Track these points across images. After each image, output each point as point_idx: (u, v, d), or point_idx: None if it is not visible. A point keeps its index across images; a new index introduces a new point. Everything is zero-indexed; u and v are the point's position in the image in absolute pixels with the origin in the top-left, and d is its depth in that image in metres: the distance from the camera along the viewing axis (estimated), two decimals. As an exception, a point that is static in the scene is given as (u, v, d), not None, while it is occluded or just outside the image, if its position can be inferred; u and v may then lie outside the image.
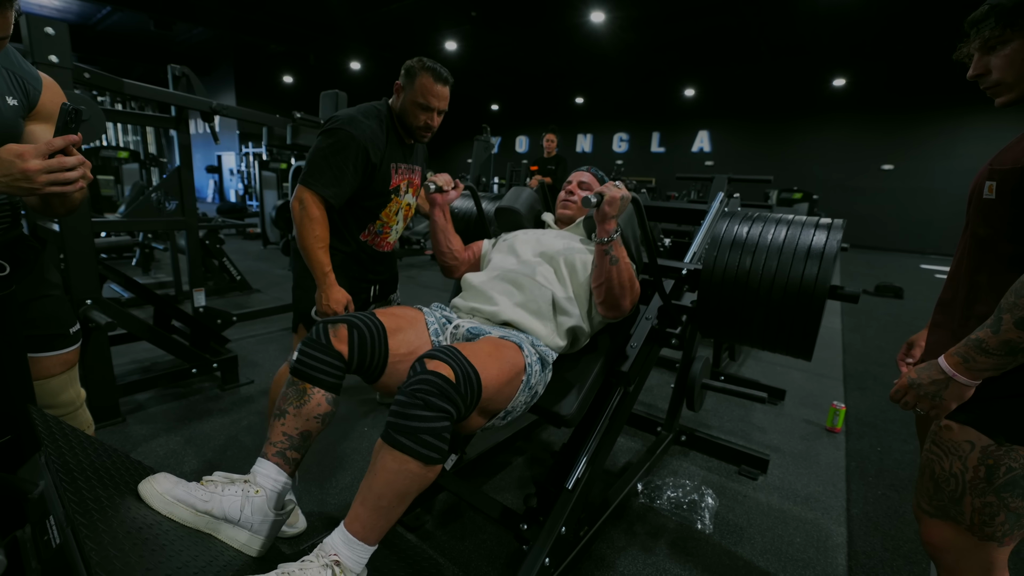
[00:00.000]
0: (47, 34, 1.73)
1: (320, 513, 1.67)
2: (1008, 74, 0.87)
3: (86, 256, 2.02)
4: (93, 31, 12.76)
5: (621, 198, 1.18)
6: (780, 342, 1.33)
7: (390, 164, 1.58)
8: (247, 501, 1.00)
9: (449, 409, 0.92)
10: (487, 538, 1.61)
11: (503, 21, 10.41)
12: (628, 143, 15.16)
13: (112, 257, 5.61)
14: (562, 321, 1.33)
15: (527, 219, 1.71)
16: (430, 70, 1.51)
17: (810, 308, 1.22)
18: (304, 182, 1.46)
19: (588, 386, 1.34)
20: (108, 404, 2.16)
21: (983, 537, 0.89)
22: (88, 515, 0.77)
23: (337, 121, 1.48)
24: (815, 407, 2.74)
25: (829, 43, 10.56)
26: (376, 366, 1.15)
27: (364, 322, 1.15)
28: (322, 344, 1.10)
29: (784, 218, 1.37)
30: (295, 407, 1.08)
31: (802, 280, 1.22)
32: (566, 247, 1.44)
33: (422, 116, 1.56)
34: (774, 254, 1.29)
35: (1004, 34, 0.85)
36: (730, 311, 1.36)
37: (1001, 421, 0.86)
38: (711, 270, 1.36)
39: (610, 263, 1.24)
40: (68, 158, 0.86)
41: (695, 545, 1.63)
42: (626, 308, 1.31)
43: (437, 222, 1.56)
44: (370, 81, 15.63)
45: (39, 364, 1.16)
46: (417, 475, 0.90)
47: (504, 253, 1.50)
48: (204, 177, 15.72)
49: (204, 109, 2.40)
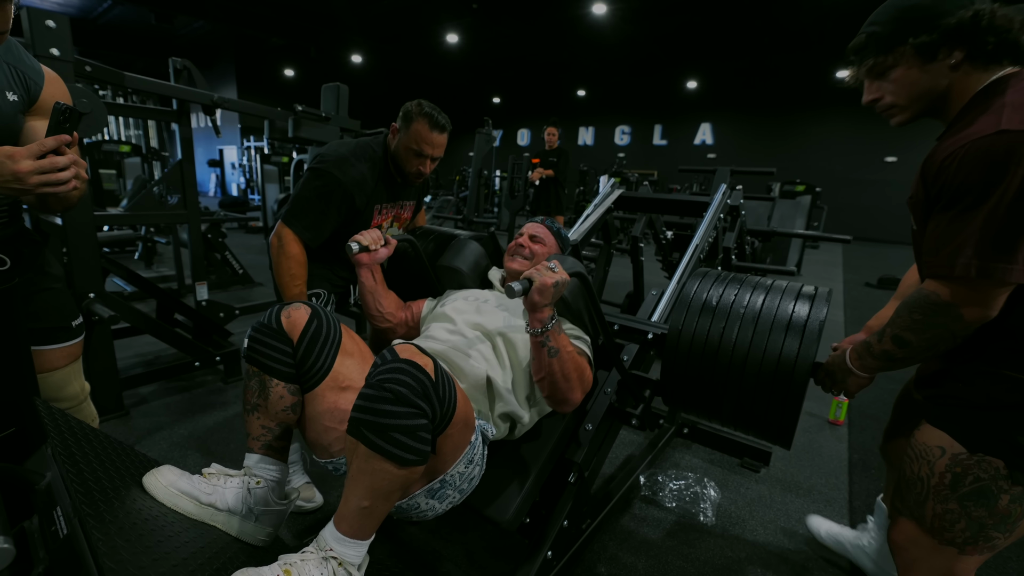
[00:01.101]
0: (48, 27, 1.73)
1: (325, 504, 1.68)
2: (900, 97, 0.91)
3: (89, 250, 2.02)
4: (94, 25, 12.72)
5: (555, 284, 1.00)
6: (754, 426, 1.18)
7: (374, 206, 1.57)
8: (249, 492, 1.01)
9: (424, 407, 0.80)
10: (490, 530, 1.61)
11: (505, 13, 10.34)
12: (630, 136, 15.08)
13: (115, 251, 5.62)
14: (498, 407, 1.17)
15: (471, 278, 1.51)
16: (427, 116, 1.46)
17: (789, 391, 1.07)
18: (286, 220, 1.45)
19: (529, 485, 1.16)
20: (111, 397, 2.17)
21: (942, 541, 0.90)
22: (95, 506, 0.78)
23: (327, 163, 1.46)
24: (817, 399, 2.73)
25: (832, 35, 10.46)
26: (316, 372, 1.04)
27: (328, 320, 1.07)
28: (271, 328, 1.03)
29: (762, 283, 1.22)
30: (263, 400, 1.05)
31: (780, 358, 1.07)
32: (506, 322, 1.26)
33: (415, 162, 1.52)
34: (749, 324, 1.13)
35: (885, 60, 0.89)
36: (698, 387, 1.20)
37: (980, 432, 0.86)
38: (677, 337, 1.20)
39: (549, 355, 1.06)
40: (59, 158, 0.85)
41: (698, 537, 1.63)
42: (576, 400, 1.14)
43: (365, 284, 1.39)
44: (371, 74, 15.57)
45: (43, 357, 1.16)
46: (396, 475, 0.81)
47: (441, 320, 1.33)
48: (206, 171, 15.71)
49: (206, 102, 2.39)
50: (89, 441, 0.96)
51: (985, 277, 0.76)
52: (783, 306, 1.13)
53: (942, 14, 0.82)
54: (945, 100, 0.88)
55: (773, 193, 7.41)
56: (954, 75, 0.85)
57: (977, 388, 0.86)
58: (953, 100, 0.87)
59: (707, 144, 13.74)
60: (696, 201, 2.29)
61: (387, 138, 1.58)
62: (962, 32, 0.81)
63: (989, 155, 0.75)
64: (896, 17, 0.87)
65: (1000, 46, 0.80)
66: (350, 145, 1.54)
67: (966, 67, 0.84)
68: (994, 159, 0.74)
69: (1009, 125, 0.74)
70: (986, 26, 0.79)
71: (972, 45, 0.82)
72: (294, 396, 1.06)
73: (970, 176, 0.76)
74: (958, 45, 0.82)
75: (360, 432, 0.80)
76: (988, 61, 0.83)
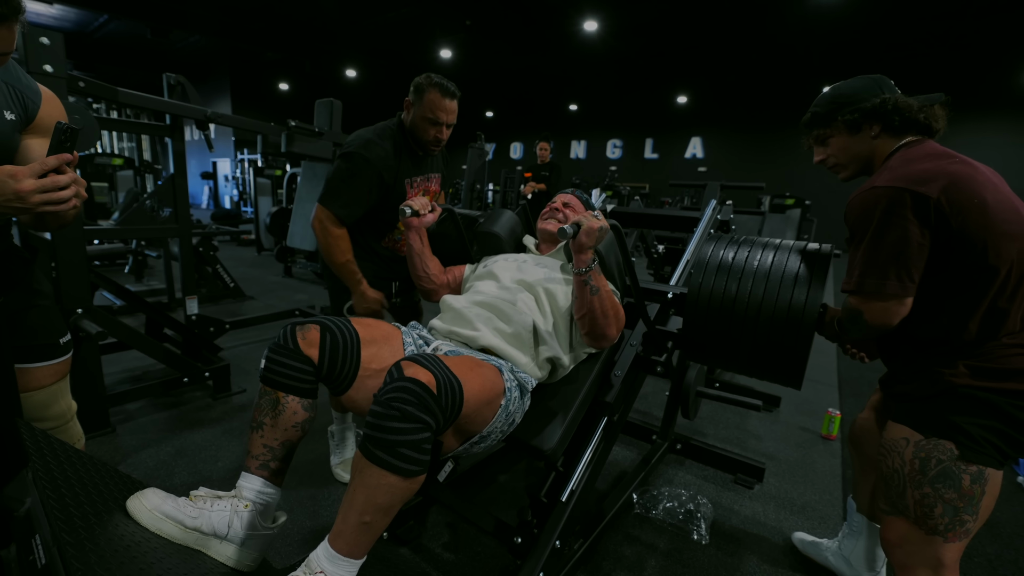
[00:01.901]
0: (42, 44, 1.73)
1: (312, 526, 1.65)
2: (839, 159, 1.20)
3: (78, 264, 2.00)
4: (90, 39, 12.76)
5: (599, 228, 1.14)
6: (769, 370, 1.31)
7: (404, 180, 1.69)
8: (236, 516, 0.99)
9: (428, 420, 0.88)
10: (481, 551, 1.59)
11: (498, 29, 10.49)
12: (622, 149, 15.24)
13: (105, 264, 5.57)
14: (542, 351, 1.30)
15: (508, 243, 1.68)
16: (438, 85, 1.58)
17: (799, 336, 1.19)
18: (323, 201, 1.61)
19: (570, 418, 1.29)
20: (97, 415, 2.13)
21: (928, 531, 1.00)
22: (75, 533, 0.76)
23: (353, 145, 1.61)
24: (810, 414, 2.74)
25: (819, 50, 10.69)
26: (346, 376, 1.11)
27: (337, 327, 1.11)
28: (289, 349, 1.06)
29: (771, 242, 1.35)
30: (271, 418, 1.05)
31: (790, 306, 1.20)
32: (546, 276, 1.41)
33: (431, 130, 1.64)
34: (761, 279, 1.26)
35: (825, 132, 1.20)
36: (716, 337, 1.32)
37: (927, 418, 1.02)
38: (696, 294, 1.33)
39: (591, 293, 1.21)
40: (61, 177, 0.85)
41: (692, 556, 1.62)
42: (612, 337, 1.29)
43: (413, 246, 1.53)
44: (365, 89, 15.67)
45: (29, 375, 1.14)
46: (398, 488, 0.87)
47: (485, 279, 1.47)
48: (199, 183, 15.68)
49: (199, 118, 2.40)
50: (72, 463, 0.94)
51: (869, 291, 1.01)
52: (791, 261, 1.27)
53: (861, 100, 1.12)
54: (871, 160, 1.16)
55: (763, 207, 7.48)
56: (875, 142, 1.13)
57: (917, 384, 1.05)
58: (876, 160, 1.15)
59: (698, 158, 13.90)
60: (687, 216, 2.31)
61: (401, 115, 1.70)
62: (875, 112, 1.10)
63: (863, 204, 1.01)
64: (830, 101, 1.18)
65: (904, 122, 1.09)
66: (371, 129, 1.67)
67: (883, 137, 1.12)
68: (865, 207, 1.00)
69: (878, 182, 1.00)
70: (891, 108, 1.08)
71: (884, 121, 1.10)
72: (307, 412, 1.08)
73: (855, 220, 1.04)
74: (875, 121, 1.11)
75: (369, 451, 0.87)
76: (897, 133, 1.11)
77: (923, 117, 1.08)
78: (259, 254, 7.29)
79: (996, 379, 0.95)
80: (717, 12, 9.06)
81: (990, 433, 0.95)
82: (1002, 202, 0.95)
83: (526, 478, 2.01)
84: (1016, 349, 0.95)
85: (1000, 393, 0.95)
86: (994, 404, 0.95)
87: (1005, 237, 0.93)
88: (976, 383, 0.96)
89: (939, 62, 10.10)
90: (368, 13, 10.09)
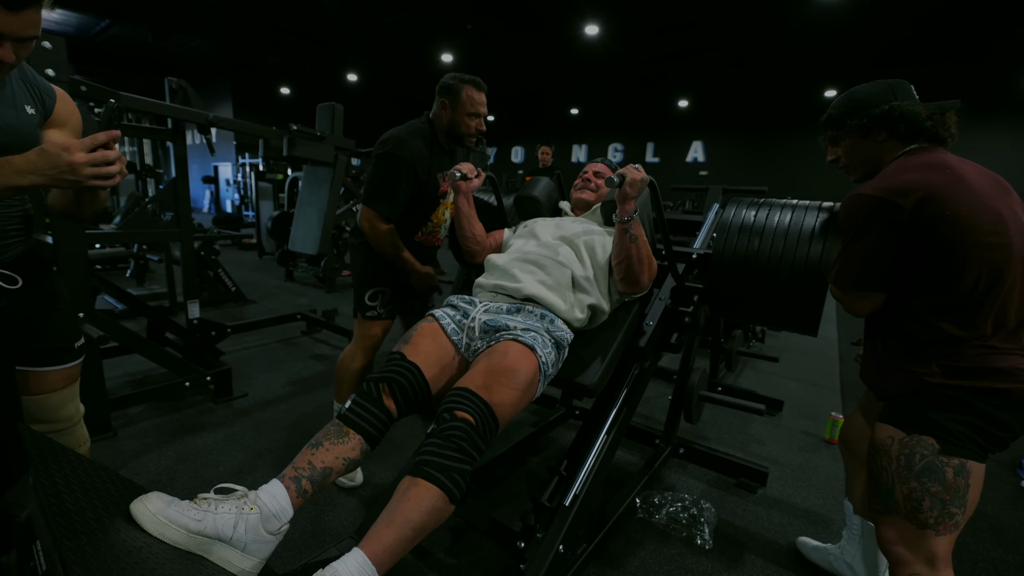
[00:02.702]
0: (44, 48, 1.73)
1: (313, 531, 1.65)
2: (850, 160, 1.27)
3: (79, 268, 2.00)
4: (92, 43, 12.80)
5: (641, 179, 1.28)
6: (787, 319, 1.44)
7: (437, 174, 1.78)
8: (241, 518, 0.98)
9: (475, 455, 1.03)
10: (483, 556, 1.58)
11: (498, 34, 10.52)
12: (623, 153, 15.25)
13: (106, 268, 5.58)
14: (581, 298, 1.42)
15: (545, 207, 1.86)
16: (471, 82, 1.72)
17: (815, 286, 1.33)
18: (367, 202, 1.73)
19: (610, 357, 1.42)
20: (99, 418, 2.12)
21: (919, 525, 1.03)
22: (76, 539, 0.75)
23: (388, 144, 1.71)
24: (813, 418, 2.73)
25: (819, 54, 10.71)
26: (423, 403, 1.25)
27: (402, 375, 1.22)
28: (374, 398, 1.17)
29: (788, 203, 1.47)
30: (331, 443, 1.11)
31: (807, 259, 1.33)
32: (585, 230, 1.55)
33: (473, 123, 1.77)
34: (780, 235, 1.39)
35: (838, 134, 1.26)
36: (740, 290, 1.46)
37: (908, 416, 1.06)
38: (721, 251, 1.47)
39: (630, 240, 1.35)
40: (110, 152, 0.89)
41: (695, 561, 1.61)
42: (645, 283, 1.44)
43: (461, 208, 1.64)
44: (366, 93, 15.72)
45: (42, 378, 1.16)
46: (440, 511, 0.98)
47: (525, 238, 1.60)
48: (200, 187, 15.70)
49: (200, 122, 2.40)
50: (73, 468, 0.94)
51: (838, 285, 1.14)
52: (807, 219, 1.39)
53: (871, 106, 1.17)
54: (879, 164, 1.20)
55: (764, 210, 7.48)
56: (883, 147, 1.19)
57: (896, 382, 1.10)
58: (882, 164, 1.19)
59: (699, 161, 13.91)
60: (689, 220, 2.30)
61: (433, 116, 1.81)
62: (883, 118, 1.15)
63: (849, 208, 1.09)
64: (844, 104, 1.24)
65: (910, 129, 1.13)
66: (403, 128, 1.78)
67: (890, 142, 1.17)
68: (850, 210, 1.09)
69: (865, 189, 1.06)
70: (898, 116, 1.13)
71: (890, 127, 1.15)
72: (359, 456, 1.14)
73: (842, 220, 1.13)
74: (882, 127, 1.16)
75: (424, 471, 0.98)
76: (904, 139, 1.15)
77: (930, 125, 1.12)
78: (260, 258, 7.30)
79: (967, 378, 1.00)
80: (718, 16, 9.08)
81: (966, 428, 0.99)
82: (984, 213, 0.99)
83: (529, 482, 2.01)
84: (986, 350, 0.99)
85: (971, 392, 0.99)
86: (966, 401, 1.00)
87: (979, 247, 0.98)
88: (948, 382, 1.01)
89: (942, 66, 10.12)
90: (369, 17, 10.12)
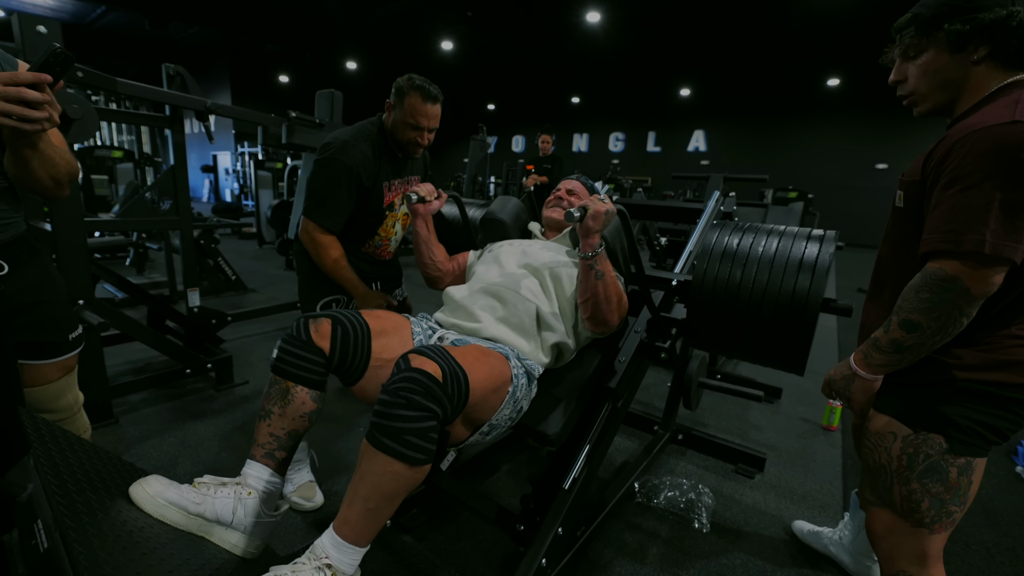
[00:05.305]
0: (39, 33, 1.71)
1: (315, 514, 1.66)
2: (921, 84, 0.95)
3: (79, 256, 2.00)
4: (88, 30, 12.67)
5: (606, 212, 1.14)
6: (772, 356, 1.29)
7: (383, 184, 1.61)
8: (240, 503, 0.99)
9: (435, 408, 0.88)
10: (483, 539, 1.60)
11: (499, 21, 10.41)
12: (624, 142, 15.16)
13: (106, 257, 5.57)
14: (546, 336, 1.30)
15: (513, 229, 1.66)
16: (419, 89, 1.50)
17: (803, 322, 1.18)
18: (307, 214, 1.54)
19: (574, 404, 1.30)
20: (100, 405, 2.14)
21: (914, 523, 0.97)
22: (77, 518, 0.76)
23: (330, 149, 1.52)
24: (811, 405, 2.74)
25: (823, 43, 10.59)
26: (357, 367, 1.12)
27: (348, 320, 1.13)
28: (302, 340, 1.07)
29: (775, 229, 1.33)
30: (279, 407, 1.06)
31: (794, 293, 1.18)
32: (552, 259, 1.40)
33: (412, 135, 1.56)
34: (765, 266, 1.25)
35: (921, 43, 0.93)
36: (721, 324, 1.32)
37: (917, 411, 0.94)
38: (701, 281, 1.32)
39: (595, 278, 1.20)
40: (29, 91, 0.81)
41: (692, 544, 1.63)
42: (614, 323, 1.28)
43: (419, 233, 1.52)
44: (366, 80, 15.59)
45: (37, 370, 1.14)
46: (404, 476, 0.88)
47: (488, 264, 1.46)
48: (200, 176, 15.64)
49: (199, 108, 2.38)
50: (74, 451, 0.94)
51: (995, 253, 0.79)
52: (795, 247, 1.24)
53: (981, 8, 0.85)
54: (960, 94, 0.92)
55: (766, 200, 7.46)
56: (975, 69, 0.89)
57: (909, 369, 0.94)
58: (967, 95, 0.91)
59: (700, 151, 13.82)
60: (690, 208, 2.29)
61: (383, 116, 1.62)
62: (993, 28, 0.85)
63: (1002, 142, 0.78)
64: (941, 3, 0.90)
65: (1022, 50, 0.85)
66: (350, 130, 1.59)
67: (988, 64, 0.88)
68: (1005, 146, 0.78)
69: (1022, 117, 0.78)
70: (1015, 27, 0.83)
71: (998, 43, 0.85)
72: (315, 404, 1.09)
73: (979, 159, 0.80)
74: (986, 41, 0.86)
75: (376, 438, 0.87)
76: (1008, 63, 0.87)
77: None
78: (260, 247, 7.28)
79: (1004, 371, 0.87)
80: (720, 3, 8.97)
81: (982, 427, 0.90)
82: None
83: (529, 466, 2.02)
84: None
85: (1005, 387, 0.88)
86: (995, 396, 0.88)
87: None
88: (981, 376, 0.88)
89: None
90: (368, 4, 10.01)
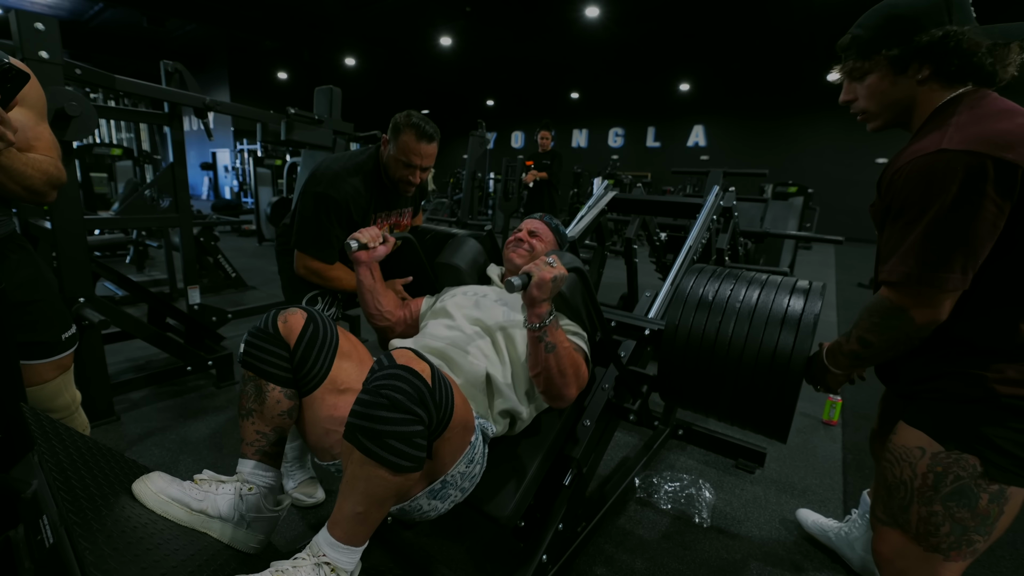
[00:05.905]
0: (37, 30, 1.71)
1: (318, 509, 1.67)
2: (870, 104, 0.96)
3: (79, 254, 2.00)
4: (86, 27, 12.62)
5: (553, 279, 0.98)
6: (751, 419, 1.19)
7: (371, 217, 1.62)
8: (241, 499, 1.00)
9: (420, 414, 0.79)
10: (484, 534, 1.61)
11: (498, 16, 10.36)
12: (624, 138, 15.14)
13: (106, 255, 5.57)
14: (497, 403, 1.16)
15: (469, 275, 1.52)
16: (414, 127, 1.48)
17: (785, 383, 1.07)
18: (299, 247, 1.54)
19: (529, 480, 1.17)
20: (102, 403, 2.14)
21: (928, 548, 0.90)
22: (82, 514, 0.77)
23: (321, 183, 1.51)
24: (811, 400, 2.75)
25: (823, 38, 10.55)
26: (315, 375, 1.05)
27: (324, 321, 1.07)
28: (268, 333, 1.03)
29: (757, 278, 1.22)
30: (258, 405, 1.04)
31: (775, 352, 1.08)
32: (506, 317, 1.26)
33: (404, 172, 1.55)
34: (745, 318, 1.13)
35: (864, 65, 0.94)
36: (695, 382, 1.20)
37: (952, 428, 0.87)
38: (674, 333, 1.21)
39: (546, 351, 1.05)
40: None
41: (693, 539, 1.63)
42: (571, 397, 1.14)
43: (363, 282, 1.37)
44: (364, 77, 15.55)
45: (32, 371, 1.14)
46: (391, 482, 0.80)
47: (439, 317, 1.33)
48: (199, 174, 15.61)
49: (197, 105, 2.38)
50: (77, 448, 0.95)
51: (926, 285, 0.81)
52: (778, 300, 1.14)
53: (918, 31, 0.85)
54: (911, 112, 0.93)
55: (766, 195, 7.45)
56: (920, 89, 0.90)
57: (944, 384, 0.89)
58: (917, 113, 0.92)
59: (700, 146, 13.80)
60: (689, 203, 2.29)
61: (379, 149, 1.62)
62: (932, 50, 0.85)
63: (929, 172, 0.79)
64: (879, 25, 0.91)
65: (963, 68, 0.85)
66: (341, 160, 1.58)
67: (932, 83, 0.88)
68: (933, 176, 0.79)
69: (949, 144, 0.78)
70: (953, 47, 0.83)
71: (938, 64, 0.86)
72: (291, 401, 1.05)
73: (913, 191, 0.82)
74: (927, 62, 0.87)
75: (356, 438, 0.79)
76: (951, 80, 0.87)
77: (989, 63, 0.84)
78: (260, 244, 7.28)
79: None
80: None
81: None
82: None
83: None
84: None
85: None
86: None
87: None
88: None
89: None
90: (366, 0, 9.97)
